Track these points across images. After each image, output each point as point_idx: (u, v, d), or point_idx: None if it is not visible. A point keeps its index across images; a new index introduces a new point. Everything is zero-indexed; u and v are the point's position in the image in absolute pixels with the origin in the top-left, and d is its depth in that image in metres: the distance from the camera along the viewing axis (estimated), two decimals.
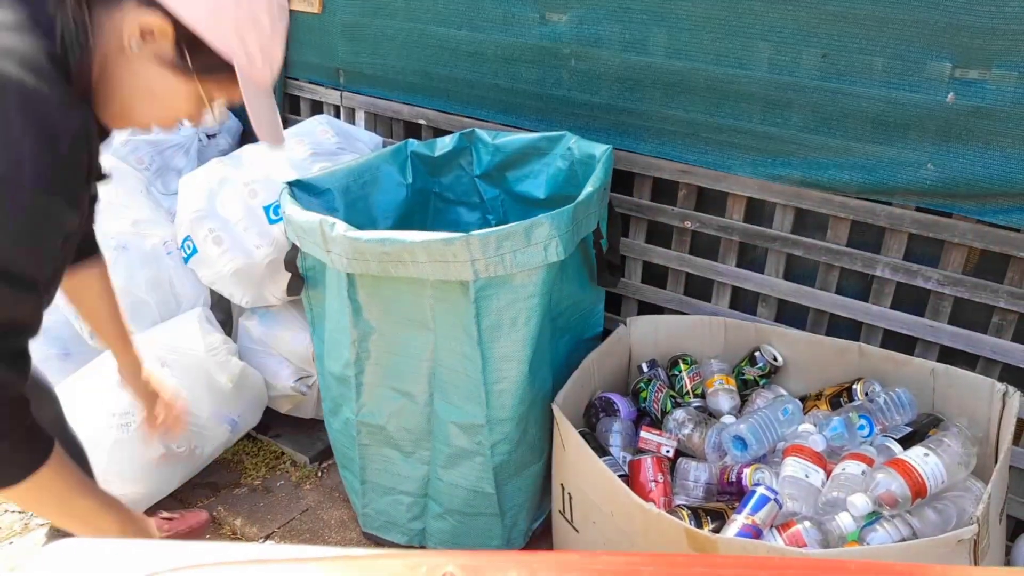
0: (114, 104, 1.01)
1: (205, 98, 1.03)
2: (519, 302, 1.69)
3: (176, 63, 0.98)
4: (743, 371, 2.01)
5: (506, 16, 2.21)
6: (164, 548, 0.79)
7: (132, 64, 0.98)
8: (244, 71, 1.00)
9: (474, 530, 1.96)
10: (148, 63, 0.98)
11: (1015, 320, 1.78)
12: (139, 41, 0.96)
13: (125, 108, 1.02)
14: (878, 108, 1.75)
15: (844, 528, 1.50)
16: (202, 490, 2.30)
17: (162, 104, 1.03)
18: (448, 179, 2.35)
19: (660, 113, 2.04)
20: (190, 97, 1.02)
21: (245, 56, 0.99)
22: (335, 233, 1.68)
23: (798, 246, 1.98)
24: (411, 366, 1.83)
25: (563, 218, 1.68)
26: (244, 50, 0.99)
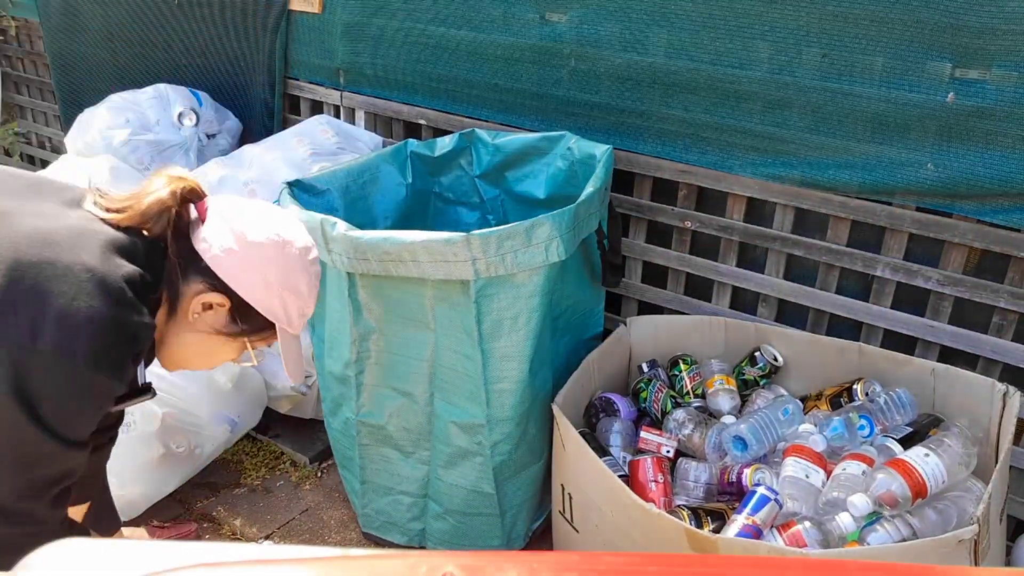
0: (173, 355, 1.23)
1: (250, 348, 1.24)
2: (520, 302, 1.69)
3: (228, 328, 1.20)
4: (743, 371, 2.01)
5: (506, 16, 2.21)
6: (164, 548, 0.79)
7: (193, 327, 1.19)
8: (283, 327, 1.22)
9: (474, 530, 1.96)
10: (206, 328, 1.19)
11: (1015, 320, 1.78)
12: (201, 311, 1.17)
13: (181, 359, 1.24)
14: (878, 108, 1.75)
15: (844, 528, 1.50)
16: (202, 490, 2.30)
17: (212, 357, 1.25)
18: (448, 179, 2.35)
19: (660, 113, 2.04)
20: (236, 349, 1.24)
21: (286, 318, 1.20)
22: (336, 232, 1.68)
23: (798, 246, 1.98)
24: (411, 366, 1.83)
25: (564, 218, 1.67)
26: (285, 313, 1.20)
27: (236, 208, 1.19)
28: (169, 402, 2.07)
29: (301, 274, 1.19)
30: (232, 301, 1.16)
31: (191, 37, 3.04)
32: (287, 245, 1.18)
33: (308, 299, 1.23)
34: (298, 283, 1.19)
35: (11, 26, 3.97)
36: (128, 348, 1.06)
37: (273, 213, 1.22)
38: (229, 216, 1.17)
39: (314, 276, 1.23)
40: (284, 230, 1.19)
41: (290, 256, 1.18)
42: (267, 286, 1.16)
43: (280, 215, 1.23)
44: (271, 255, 1.16)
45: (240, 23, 2.87)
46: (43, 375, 0.99)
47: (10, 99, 4.25)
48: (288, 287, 1.18)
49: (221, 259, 1.14)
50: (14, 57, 4.12)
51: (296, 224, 1.23)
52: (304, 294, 1.21)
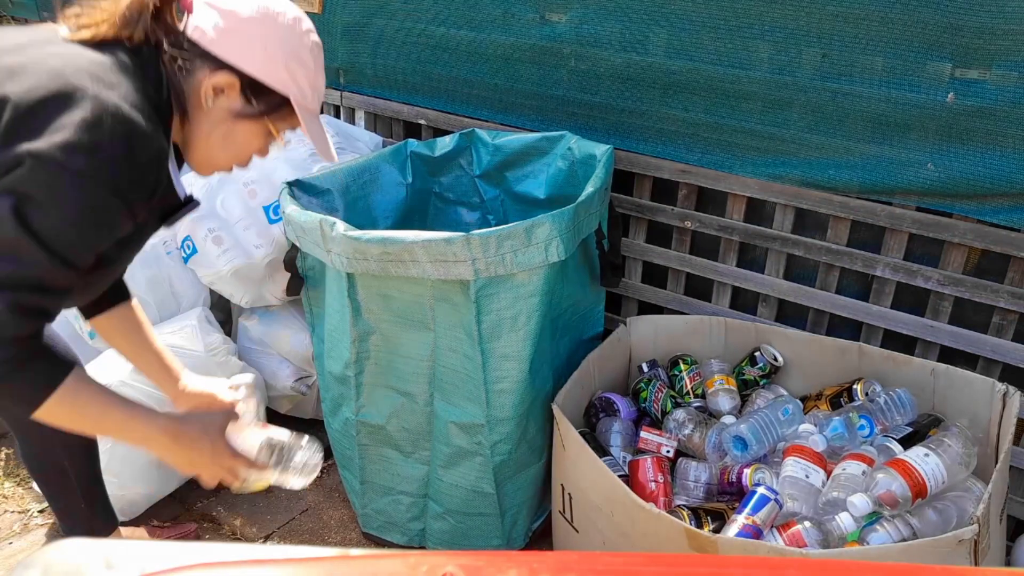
0: (199, 154, 1.23)
1: (273, 131, 1.22)
2: (520, 301, 1.69)
3: (245, 110, 1.18)
4: (743, 371, 2.01)
5: (506, 16, 2.21)
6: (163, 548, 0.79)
7: (210, 117, 1.18)
8: (299, 102, 1.20)
9: (474, 530, 1.96)
10: (223, 114, 1.18)
11: (1015, 320, 1.78)
12: (213, 97, 1.16)
13: (209, 156, 1.23)
14: (878, 108, 1.75)
15: (844, 528, 1.50)
16: (202, 490, 2.30)
17: (238, 146, 1.22)
18: (448, 179, 2.35)
19: (660, 113, 2.04)
20: (260, 134, 1.22)
21: (298, 90, 1.19)
22: (335, 233, 1.68)
23: (798, 246, 1.98)
24: (411, 366, 1.83)
25: (564, 218, 1.67)
26: (296, 85, 1.18)
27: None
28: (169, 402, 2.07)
29: (298, 41, 1.18)
30: (241, 79, 1.15)
31: None
32: (278, 16, 1.17)
33: (315, 71, 1.22)
34: (299, 51, 1.18)
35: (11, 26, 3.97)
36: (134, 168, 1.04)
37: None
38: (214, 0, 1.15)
39: (314, 47, 1.22)
40: (271, 3, 1.17)
41: (284, 26, 1.17)
42: (269, 56, 1.15)
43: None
44: (266, 25, 1.15)
45: None
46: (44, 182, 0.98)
47: None
48: (290, 56, 1.17)
49: (218, 39, 1.13)
50: None
51: None
52: (309, 64, 1.20)
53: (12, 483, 2.31)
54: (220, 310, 2.55)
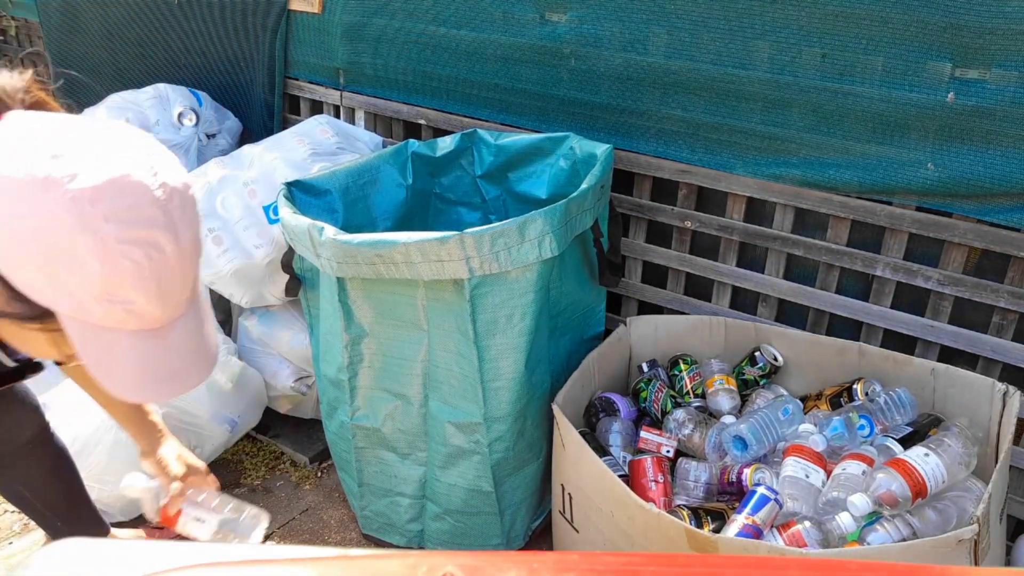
0: None
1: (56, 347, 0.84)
2: (514, 299, 1.69)
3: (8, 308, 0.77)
4: (743, 371, 2.01)
5: (506, 16, 2.21)
6: (163, 548, 0.79)
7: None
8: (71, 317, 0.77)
9: (473, 530, 1.96)
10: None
11: (1015, 320, 1.78)
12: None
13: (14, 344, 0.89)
14: (878, 108, 1.75)
15: (844, 528, 1.50)
16: None
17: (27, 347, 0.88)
18: (449, 179, 2.35)
19: (660, 113, 2.04)
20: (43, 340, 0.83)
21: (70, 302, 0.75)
22: (324, 238, 1.68)
23: (798, 246, 1.98)
24: (405, 367, 1.83)
25: (556, 214, 1.68)
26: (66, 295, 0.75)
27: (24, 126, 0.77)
28: (169, 402, 2.07)
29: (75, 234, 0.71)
30: None
31: (191, 37, 3.04)
32: (52, 185, 0.71)
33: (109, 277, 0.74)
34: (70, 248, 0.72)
35: (11, 26, 3.97)
36: None
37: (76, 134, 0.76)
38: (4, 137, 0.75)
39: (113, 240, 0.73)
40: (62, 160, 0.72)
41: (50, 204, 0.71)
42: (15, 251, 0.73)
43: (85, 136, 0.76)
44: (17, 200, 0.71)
45: (240, 23, 2.87)
46: None
47: None
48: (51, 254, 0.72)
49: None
50: (14, 57, 4.12)
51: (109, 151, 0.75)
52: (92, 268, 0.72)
53: None
54: (220, 310, 2.55)
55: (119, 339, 0.78)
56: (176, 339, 0.82)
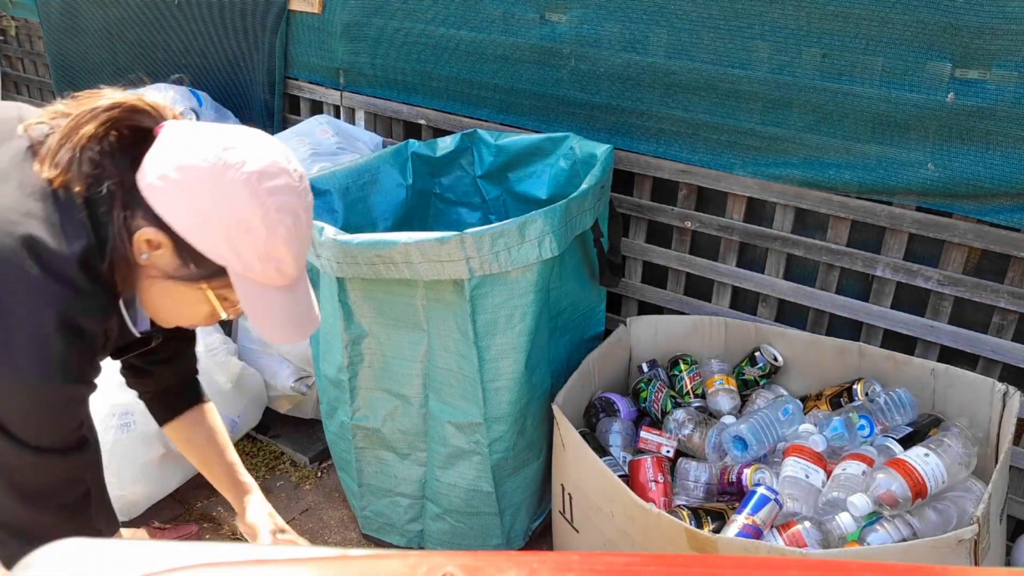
0: (147, 308, 1.10)
1: (217, 301, 1.06)
2: (514, 299, 1.69)
3: (179, 272, 1.02)
4: (743, 371, 2.01)
5: (506, 16, 2.21)
6: (164, 548, 0.79)
7: (147, 273, 1.04)
8: (240, 275, 1.01)
9: (473, 530, 1.96)
10: (157, 272, 1.03)
11: (1015, 320, 1.78)
12: (147, 252, 1.01)
13: (155, 313, 1.10)
14: (878, 108, 1.75)
15: (844, 528, 1.50)
16: (202, 490, 2.30)
17: (181, 310, 1.08)
18: (449, 179, 2.35)
19: (660, 113, 2.04)
20: (202, 300, 1.06)
21: (238, 260, 0.99)
22: (324, 238, 1.68)
23: (798, 246, 1.98)
24: (404, 368, 1.83)
25: (556, 214, 1.68)
26: (235, 253, 0.99)
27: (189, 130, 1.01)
28: None
29: (249, 204, 0.96)
30: (172, 239, 0.99)
31: (191, 37, 3.04)
32: (230, 169, 0.96)
33: (270, 238, 0.98)
34: (247, 216, 0.96)
35: (11, 26, 3.97)
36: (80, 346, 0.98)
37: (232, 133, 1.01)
38: (177, 138, 1.00)
39: (274, 209, 0.98)
40: (234, 151, 0.97)
41: (231, 182, 0.96)
42: (203, 218, 0.97)
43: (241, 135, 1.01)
44: (205, 180, 0.96)
45: (240, 23, 2.87)
46: None
47: (10, 99, 4.25)
48: (230, 220, 0.96)
49: (154, 187, 0.97)
50: (14, 57, 4.12)
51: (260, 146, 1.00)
52: (259, 231, 0.97)
53: None
54: None
55: (269, 293, 1.03)
56: (301, 294, 1.09)
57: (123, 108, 1.01)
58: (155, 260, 1.01)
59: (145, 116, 1.02)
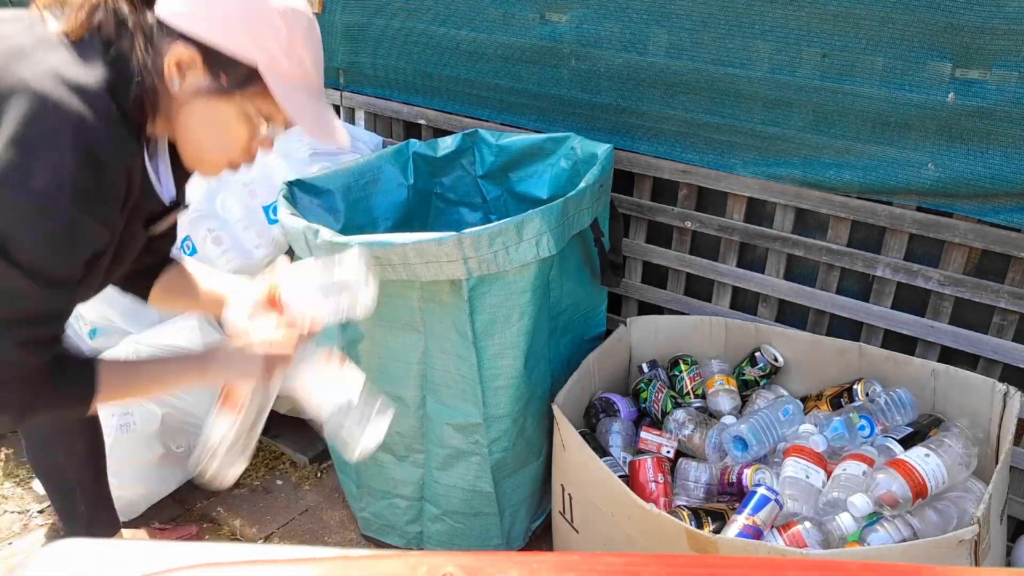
0: (187, 149, 1.12)
1: (254, 113, 1.08)
2: (513, 298, 1.69)
3: (212, 86, 1.05)
4: (744, 371, 2.01)
5: (506, 16, 2.21)
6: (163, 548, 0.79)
7: (182, 103, 1.06)
8: (271, 71, 1.05)
9: (473, 530, 1.96)
10: (192, 97, 1.05)
11: (1016, 320, 1.78)
12: (179, 78, 1.03)
13: (196, 150, 1.12)
14: (878, 108, 1.75)
15: (845, 529, 1.50)
16: (202, 491, 2.30)
17: (221, 133, 1.10)
18: (450, 179, 2.35)
19: (660, 113, 2.04)
20: (240, 116, 1.08)
21: (267, 56, 1.04)
22: (319, 240, 1.67)
23: (798, 246, 1.98)
24: (401, 370, 1.82)
25: (553, 213, 1.68)
26: (265, 51, 1.03)
27: None
28: (169, 402, 2.07)
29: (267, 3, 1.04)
30: (201, 51, 1.02)
31: None
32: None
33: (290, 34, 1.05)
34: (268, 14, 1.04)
35: None
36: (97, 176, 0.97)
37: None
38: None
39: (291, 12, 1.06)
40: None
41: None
42: (227, 21, 1.02)
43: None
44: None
45: None
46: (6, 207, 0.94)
47: None
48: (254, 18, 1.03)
49: (174, 12, 1.02)
50: None
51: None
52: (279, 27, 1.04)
53: (12, 483, 2.31)
54: None
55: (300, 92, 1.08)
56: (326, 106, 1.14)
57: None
58: (188, 84, 1.04)
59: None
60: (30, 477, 2.30)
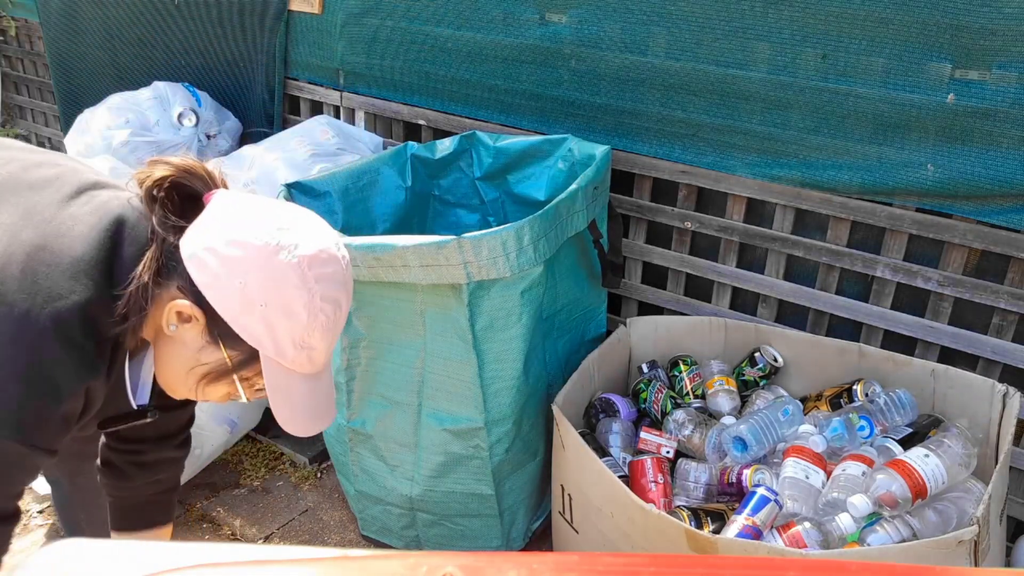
0: (160, 375, 1.05)
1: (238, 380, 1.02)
2: (511, 301, 1.69)
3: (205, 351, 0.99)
4: (743, 372, 2.01)
5: (506, 16, 2.21)
6: (164, 548, 0.79)
7: (171, 343, 1.00)
8: (270, 359, 0.98)
9: (472, 532, 1.96)
10: (184, 344, 0.99)
11: (1015, 321, 1.78)
12: (175, 322, 0.98)
13: (169, 383, 1.06)
14: (878, 108, 1.75)
15: (844, 529, 1.50)
16: (202, 491, 2.30)
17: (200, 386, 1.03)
18: (448, 181, 2.35)
19: (660, 113, 2.04)
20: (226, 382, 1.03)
21: (272, 344, 0.96)
22: None
23: (798, 247, 1.98)
24: (401, 373, 1.82)
25: (547, 217, 1.69)
26: (271, 338, 0.95)
27: (241, 203, 0.98)
28: None
29: (295, 289, 0.94)
30: (206, 314, 0.96)
31: (191, 37, 3.04)
32: (280, 251, 0.93)
33: (309, 326, 0.95)
34: (290, 301, 0.93)
35: (11, 26, 3.97)
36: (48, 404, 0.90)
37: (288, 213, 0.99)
38: (228, 210, 0.97)
39: (318, 297, 0.95)
40: (288, 233, 0.95)
41: (281, 265, 0.93)
42: (245, 299, 0.93)
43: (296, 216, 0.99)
44: (256, 259, 0.93)
45: (240, 23, 2.87)
46: None
47: (10, 100, 4.25)
48: (273, 303, 0.93)
49: (198, 259, 0.94)
50: (14, 58, 4.12)
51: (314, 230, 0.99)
52: (300, 318, 0.94)
53: None
54: None
55: (295, 381, 0.99)
56: (324, 383, 1.04)
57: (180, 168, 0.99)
58: (183, 333, 0.98)
59: (198, 180, 1.00)
60: None
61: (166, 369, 1.03)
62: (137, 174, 1.00)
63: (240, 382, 1.02)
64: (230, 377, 1.01)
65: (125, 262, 0.96)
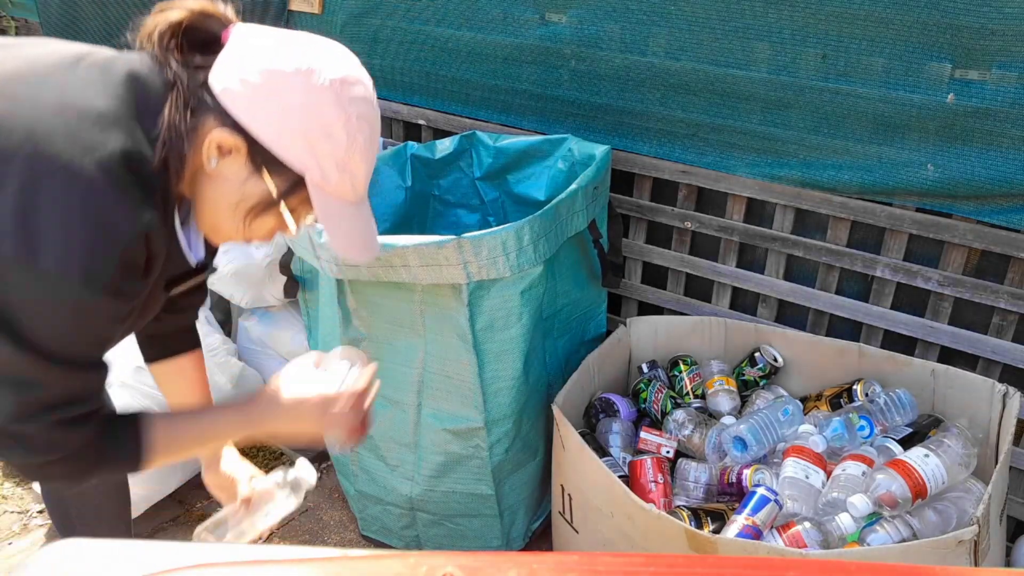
0: (205, 219, 1.04)
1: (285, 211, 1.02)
2: (511, 301, 1.69)
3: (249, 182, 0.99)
4: (743, 372, 2.01)
5: (506, 16, 2.21)
6: (164, 548, 0.79)
7: (213, 181, 0.99)
8: (315, 182, 0.98)
9: (472, 532, 1.96)
10: (226, 178, 0.99)
11: (1015, 321, 1.78)
12: (217, 158, 0.97)
13: (215, 224, 1.05)
14: (878, 108, 1.75)
15: (844, 529, 1.50)
16: (202, 490, 2.29)
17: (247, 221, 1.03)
18: (447, 181, 2.35)
19: (660, 113, 2.04)
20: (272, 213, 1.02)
21: (317, 167, 0.97)
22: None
23: (798, 247, 1.98)
24: (401, 373, 1.82)
25: (547, 217, 1.69)
26: (315, 161, 0.97)
27: (263, 34, 0.99)
28: None
29: (332, 109, 0.96)
30: (248, 143, 0.96)
31: None
32: (313, 74, 0.95)
33: (349, 147, 0.97)
34: (329, 122, 0.96)
35: (11, 26, 3.97)
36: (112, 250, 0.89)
37: (308, 40, 1.00)
38: (251, 41, 0.97)
39: (355, 118, 0.98)
40: (315, 57, 0.97)
41: (316, 87, 0.95)
42: (284, 122, 0.95)
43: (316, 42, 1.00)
44: (292, 83, 0.95)
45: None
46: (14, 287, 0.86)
47: None
48: (314, 126, 0.95)
49: (232, 91, 0.95)
50: None
51: (337, 54, 1.01)
52: (339, 139, 0.97)
53: (12, 483, 2.31)
54: (220, 310, 2.55)
55: (341, 207, 1.02)
56: (366, 213, 1.07)
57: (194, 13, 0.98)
58: (224, 167, 0.97)
59: (214, 21, 1.00)
60: None
61: (211, 210, 1.02)
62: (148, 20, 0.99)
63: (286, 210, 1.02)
64: (276, 208, 1.01)
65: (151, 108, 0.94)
